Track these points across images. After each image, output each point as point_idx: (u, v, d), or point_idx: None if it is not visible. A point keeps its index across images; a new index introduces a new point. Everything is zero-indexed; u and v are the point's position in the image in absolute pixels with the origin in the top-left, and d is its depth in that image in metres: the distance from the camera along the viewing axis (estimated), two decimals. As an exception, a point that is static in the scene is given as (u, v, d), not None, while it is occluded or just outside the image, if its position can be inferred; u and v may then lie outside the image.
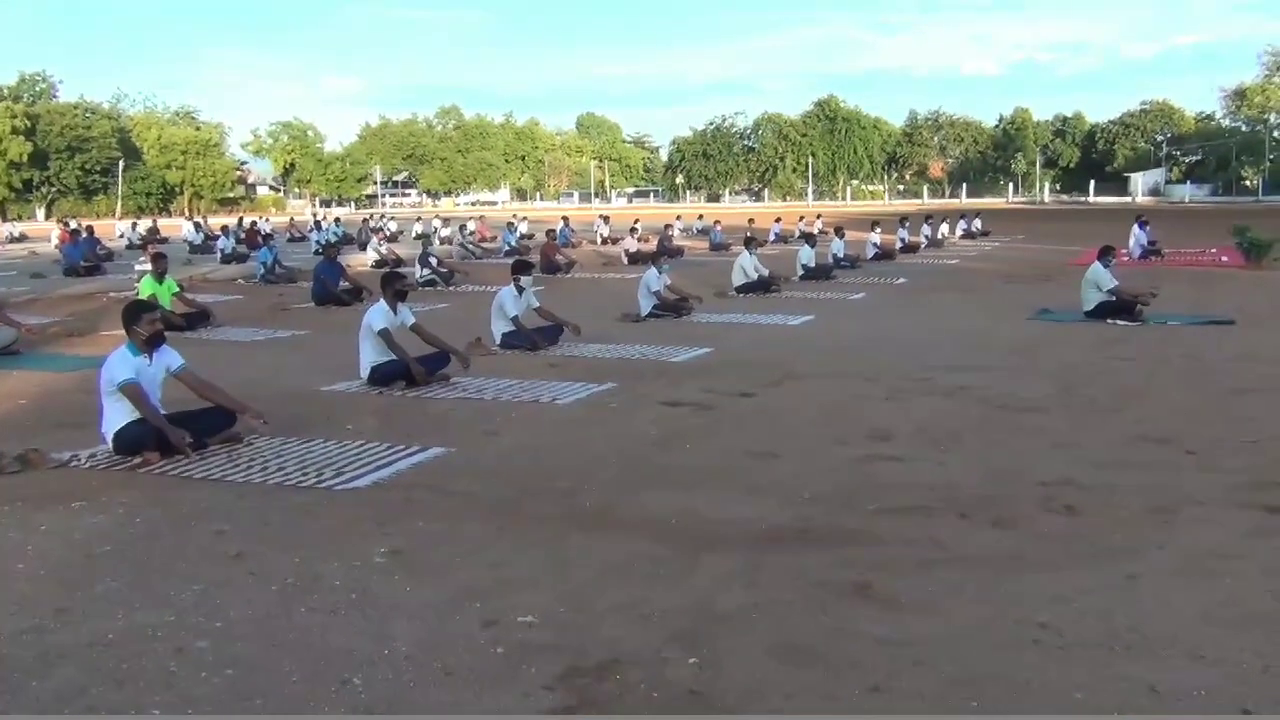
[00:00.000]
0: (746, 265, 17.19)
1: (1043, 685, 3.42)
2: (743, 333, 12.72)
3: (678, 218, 39.45)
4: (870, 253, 24.38)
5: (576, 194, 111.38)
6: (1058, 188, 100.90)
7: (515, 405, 8.30)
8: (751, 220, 32.78)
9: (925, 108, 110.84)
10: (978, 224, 36.83)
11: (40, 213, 78.40)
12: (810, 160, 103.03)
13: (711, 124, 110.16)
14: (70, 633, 3.92)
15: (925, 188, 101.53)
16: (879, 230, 25.90)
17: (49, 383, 9.78)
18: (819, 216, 38.75)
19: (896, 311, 15.19)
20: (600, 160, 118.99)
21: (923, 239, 29.67)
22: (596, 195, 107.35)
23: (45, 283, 21.17)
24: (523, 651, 3.69)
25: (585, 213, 59.62)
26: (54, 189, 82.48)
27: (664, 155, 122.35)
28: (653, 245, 25.39)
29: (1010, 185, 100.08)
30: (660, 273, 14.13)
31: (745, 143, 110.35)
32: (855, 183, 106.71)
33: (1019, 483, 5.87)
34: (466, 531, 5.14)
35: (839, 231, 23.36)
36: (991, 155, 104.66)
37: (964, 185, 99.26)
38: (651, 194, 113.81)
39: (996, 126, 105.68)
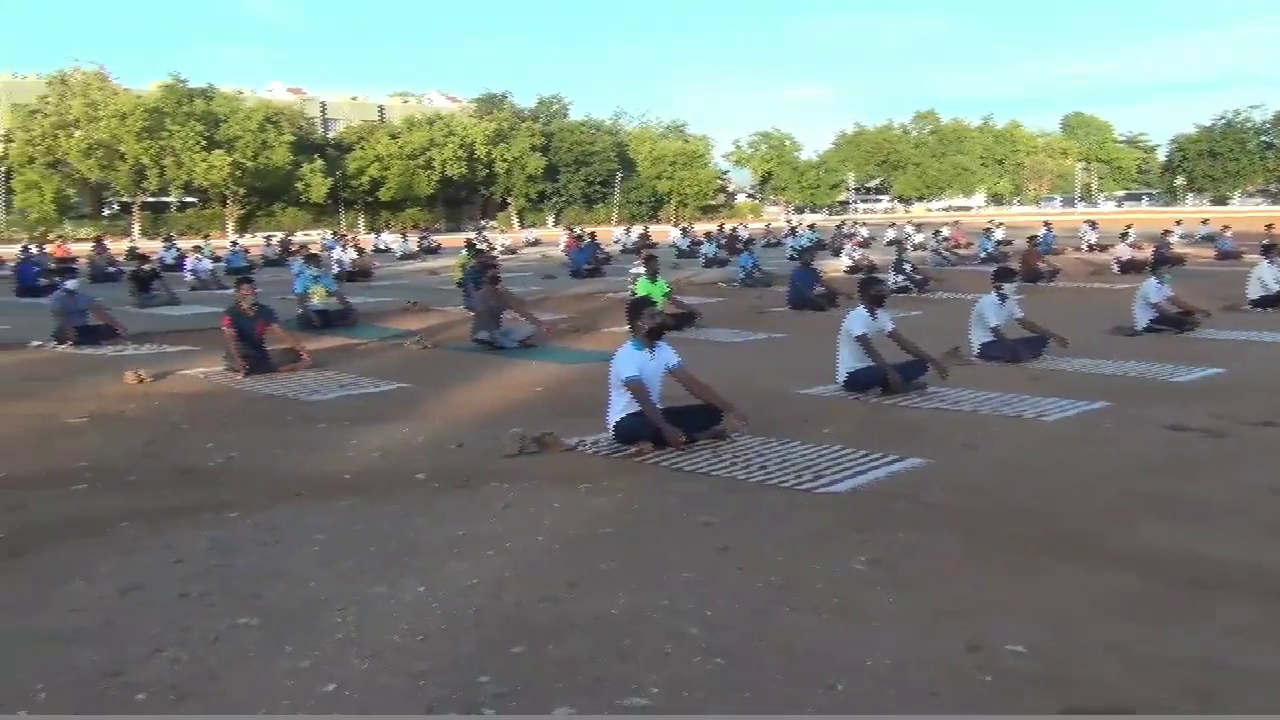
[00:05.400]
0: (1266, 276, 15.23)
1: None
2: (1262, 352, 11.26)
3: (1177, 223, 35.79)
4: None
5: (1059, 198, 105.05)
6: None
7: (996, 419, 7.96)
8: (1269, 226, 28.99)
9: None
10: None
11: (550, 220, 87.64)
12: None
13: (1221, 119, 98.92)
14: (579, 605, 4.29)
15: None
16: None
17: (559, 373, 10.87)
18: (1359, 221, 33.35)
19: None
20: (1087, 162, 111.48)
21: None
22: (1081, 199, 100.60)
23: (554, 283, 23.64)
24: (1014, 682, 3.50)
25: (1069, 218, 56.05)
26: (562, 199, 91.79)
27: (1161, 155, 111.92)
28: (1148, 253, 23.29)
29: None
30: (1161, 283, 12.90)
31: (1262, 139, 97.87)
32: None
33: None
34: (946, 547, 4.99)
35: (1388, 238, 19.97)
36: None
37: None
38: (1144, 197, 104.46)
39: None
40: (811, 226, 42.16)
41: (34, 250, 31.24)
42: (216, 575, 4.74)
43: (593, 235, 32.85)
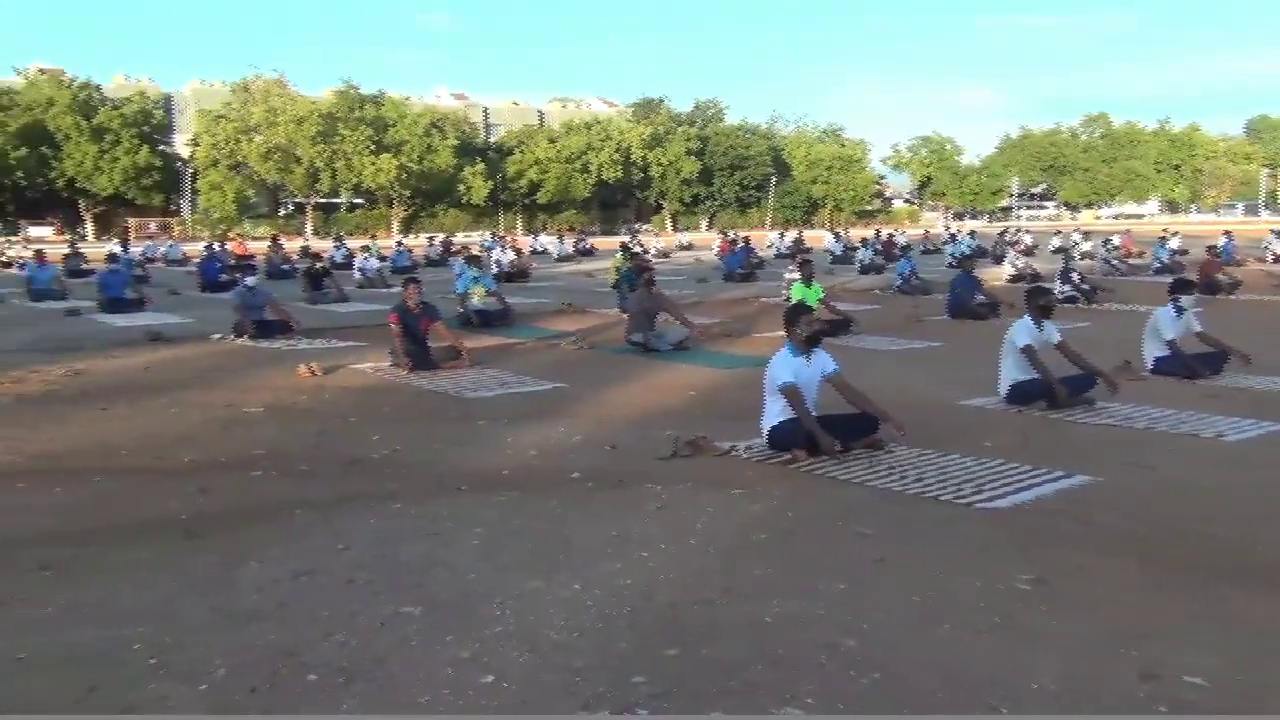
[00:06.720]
0: None
1: None
2: None
3: (1375, 233, 33.43)
4: None
5: (1241, 205, 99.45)
6: None
7: (1170, 438, 7.58)
8: None
9: None
10: None
11: (704, 224, 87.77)
12: None
13: None
14: (733, 609, 4.28)
15: None
16: None
17: (712, 377, 10.87)
18: None
19: None
20: (1273, 167, 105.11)
21: None
22: (1266, 207, 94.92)
23: (707, 287, 23.63)
24: (1192, 715, 3.32)
25: (1252, 227, 52.96)
26: (716, 203, 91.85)
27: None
28: (1342, 265, 21.84)
29: None
30: (1356, 298, 12.06)
31: None
32: None
33: None
34: (1115, 569, 4.78)
35: None
36: None
37: None
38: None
39: None
40: (972, 233, 40.97)
41: (216, 248, 33.03)
42: (381, 564, 4.93)
43: (746, 239, 32.73)
